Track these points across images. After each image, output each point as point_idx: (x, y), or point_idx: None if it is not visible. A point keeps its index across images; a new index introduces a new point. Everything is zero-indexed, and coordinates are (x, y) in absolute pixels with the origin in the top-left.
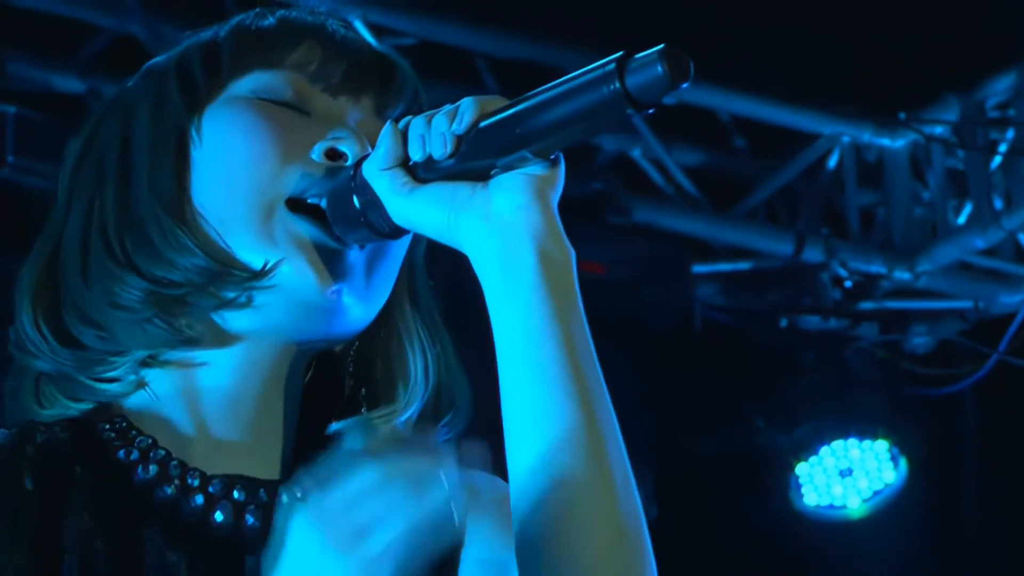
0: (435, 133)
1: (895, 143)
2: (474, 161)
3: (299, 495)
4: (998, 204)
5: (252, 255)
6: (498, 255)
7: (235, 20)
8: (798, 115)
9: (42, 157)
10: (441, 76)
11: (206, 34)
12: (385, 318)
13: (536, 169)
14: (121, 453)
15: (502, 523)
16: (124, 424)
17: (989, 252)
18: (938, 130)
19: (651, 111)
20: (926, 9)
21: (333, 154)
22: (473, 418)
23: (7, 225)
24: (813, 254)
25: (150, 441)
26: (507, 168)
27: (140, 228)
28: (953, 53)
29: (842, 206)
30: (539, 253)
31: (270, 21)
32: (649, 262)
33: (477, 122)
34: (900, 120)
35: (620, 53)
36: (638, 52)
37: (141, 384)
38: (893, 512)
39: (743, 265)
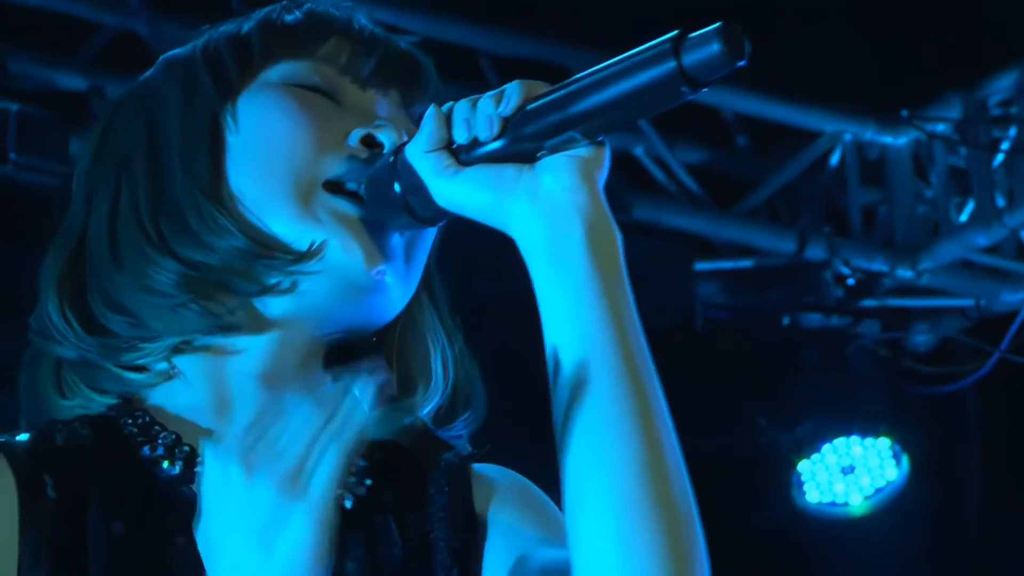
0: (481, 115)
1: (897, 141)
2: (521, 143)
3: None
4: (1000, 202)
5: (295, 236)
6: (547, 235)
7: (260, 14)
8: (800, 113)
9: (44, 154)
10: (445, 74)
11: (228, 27)
12: (406, 315)
13: (582, 151)
14: (146, 449)
15: (525, 510)
16: (147, 419)
17: (991, 250)
18: (940, 128)
19: (705, 90)
20: (928, 7)
21: (370, 142)
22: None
23: (10, 222)
24: (815, 252)
25: (174, 437)
26: (554, 150)
27: (176, 212)
28: (955, 51)
29: (844, 204)
30: (588, 233)
31: (297, 15)
32: (651, 260)
33: (524, 104)
34: (902, 118)
35: (675, 32)
36: (692, 31)
37: (167, 375)
38: (895, 509)
39: (745, 263)
